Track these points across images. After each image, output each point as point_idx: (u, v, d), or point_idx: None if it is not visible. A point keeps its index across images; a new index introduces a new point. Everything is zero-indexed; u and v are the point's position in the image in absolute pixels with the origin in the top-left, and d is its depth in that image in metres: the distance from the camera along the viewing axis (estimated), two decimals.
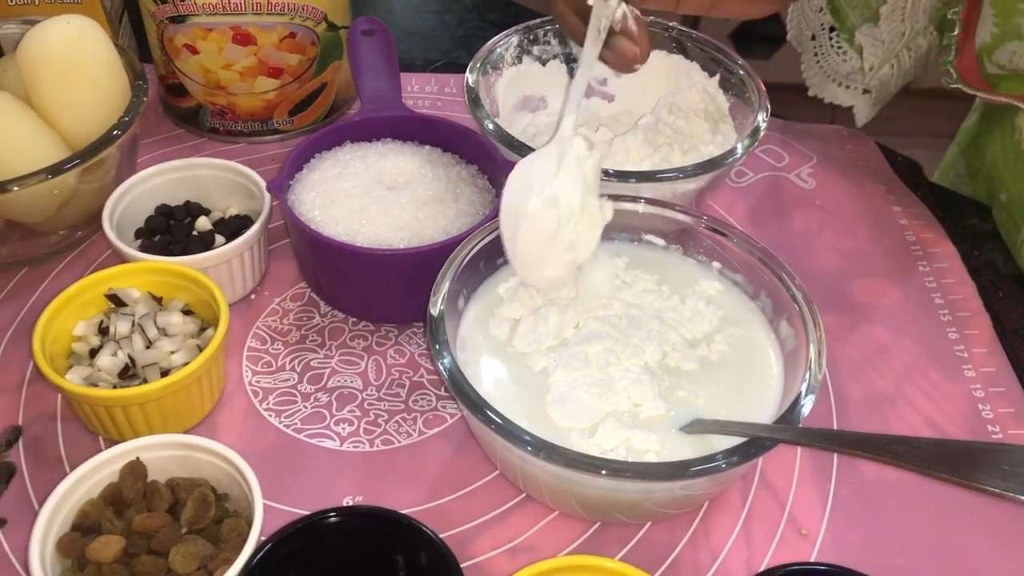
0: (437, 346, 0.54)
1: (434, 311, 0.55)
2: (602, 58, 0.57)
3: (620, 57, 0.57)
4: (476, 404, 0.51)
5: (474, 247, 0.60)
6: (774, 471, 0.61)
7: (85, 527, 0.51)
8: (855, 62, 0.81)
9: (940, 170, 1.00)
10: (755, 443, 0.50)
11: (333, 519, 0.51)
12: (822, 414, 0.64)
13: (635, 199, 0.64)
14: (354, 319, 0.68)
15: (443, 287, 0.56)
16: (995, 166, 0.87)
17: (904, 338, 0.70)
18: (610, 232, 0.66)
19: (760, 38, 2.21)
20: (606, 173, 0.65)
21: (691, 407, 0.56)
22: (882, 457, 0.44)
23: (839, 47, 0.82)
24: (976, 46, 0.79)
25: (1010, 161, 0.85)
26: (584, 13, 0.56)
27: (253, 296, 0.70)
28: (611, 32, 0.56)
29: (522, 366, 0.57)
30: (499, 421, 0.50)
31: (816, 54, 0.84)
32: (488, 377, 0.57)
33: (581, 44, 0.57)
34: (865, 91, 0.83)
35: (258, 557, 0.49)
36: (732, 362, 0.59)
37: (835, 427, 0.64)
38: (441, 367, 0.53)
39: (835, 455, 0.61)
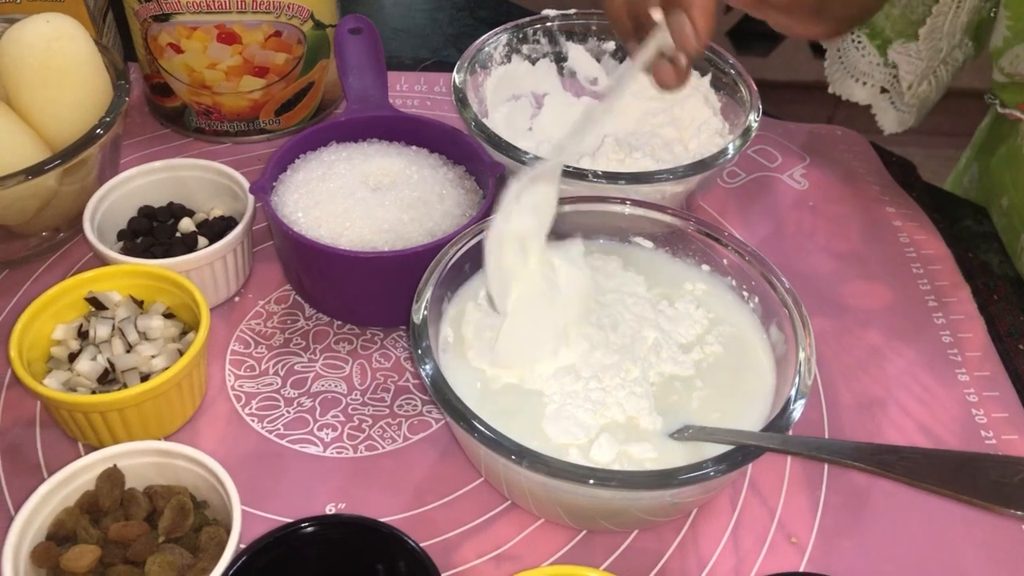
0: (420, 352, 0.53)
1: (416, 318, 0.54)
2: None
3: (659, 80, 0.58)
4: (459, 412, 0.50)
5: (459, 250, 0.59)
6: (764, 477, 0.60)
7: (60, 536, 0.50)
8: (873, 58, 0.80)
9: (953, 175, 0.98)
10: (743, 451, 0.50)
11: (313, 528, 0.50)
12: (813, 419, 0.63)
13: (622, 200, 0.63)
14: (339, 322, 0.67)
15: (426, 293, 0.55)
16: (998, 169, 0.86)
17: (897, 342, 0.69)
18: (598, 234, 0.65)
19: (757, 36, 2.20)
20: (595, 174, 0.65)
21: (685, 410, 0.55)
22: (870, 467, 0.43)
23: (859, 41, 0.80)
24: (990, 50, 0.77)
25: (1013, 165, 0.84)
26: (640, 22, 0.57)
27: (237, 298, 0.69)
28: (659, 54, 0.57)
29: (509, 373, 0.56)
30: (482, 429, 0.49)
31: (839, 49, 0.83)
32: (476, 383, 0.56)
33: (625, 43, 0.60)
34: (883, 90, 0.82)
35: (236, 566, 0.48)
36: (725, 363, 0.58)
37: (826, 433, 0.63)
38: (424, 374, 0.52)
39: None
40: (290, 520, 0.54)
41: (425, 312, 0.54)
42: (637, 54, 0.57)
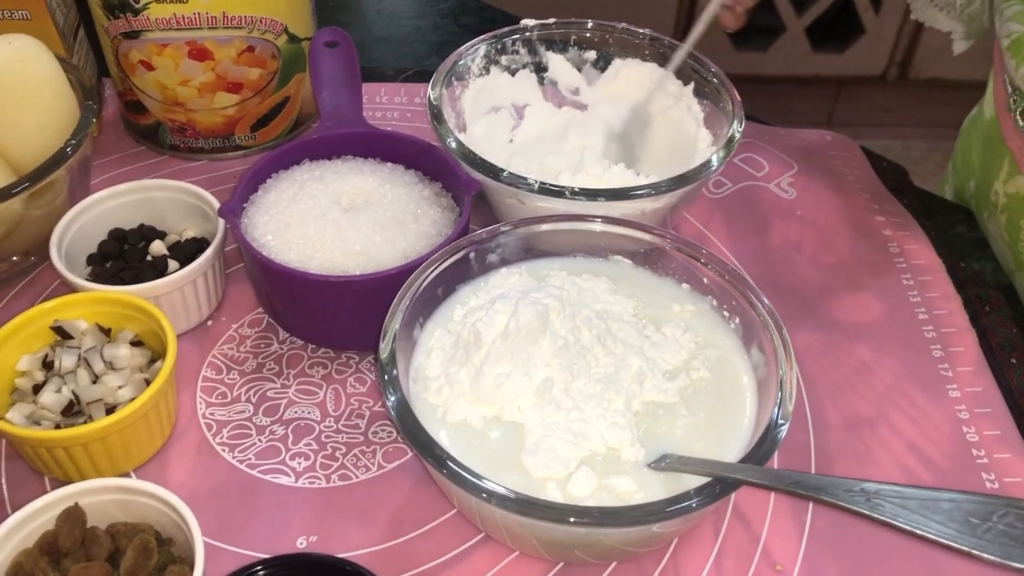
0: (386, 379, 0.51)
1: (384, 353, 0.52)
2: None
3: (722, 23, 0.71)
4: (426, 447, 0.48)
5: (430, 274, 0.57)
6: (748, 502, 0.58)
7: None
8: None
9: (942, 181, 0.97)
10: (722, 483, 0.48)
11: (275, 569, 0.48)
12: (799, 440, 0.62)
13: (596, 219, 0.61)
14: (313, 346, 0.66)
15: (393, 324, 0.53)
16: (970, 153, 0.85)
17: (886, 356, 0.67)
18: (575, 252, 0.63)
19: (757, 31, 2.17)
20: (572, 191, 0.63)
21: (668, 439, 0.54)
22: (850, 507, 0.41)
23: None
24: None
25: (978, 144, 0.83)
26: None
27: (210, 322, 0.68)
28: None
29: (488, 406, 0.55)
30: (452, 465, 0.47)
31: None
32: (450, 416, 0.54)
33: None
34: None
35: None
36: (710, 389, 0.56)
37: (812, 454, 0.61)
38: (390, 406, 0.50)
39: None
40: (262, 555, 0.53)
41: (393, 344, 0.52)
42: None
